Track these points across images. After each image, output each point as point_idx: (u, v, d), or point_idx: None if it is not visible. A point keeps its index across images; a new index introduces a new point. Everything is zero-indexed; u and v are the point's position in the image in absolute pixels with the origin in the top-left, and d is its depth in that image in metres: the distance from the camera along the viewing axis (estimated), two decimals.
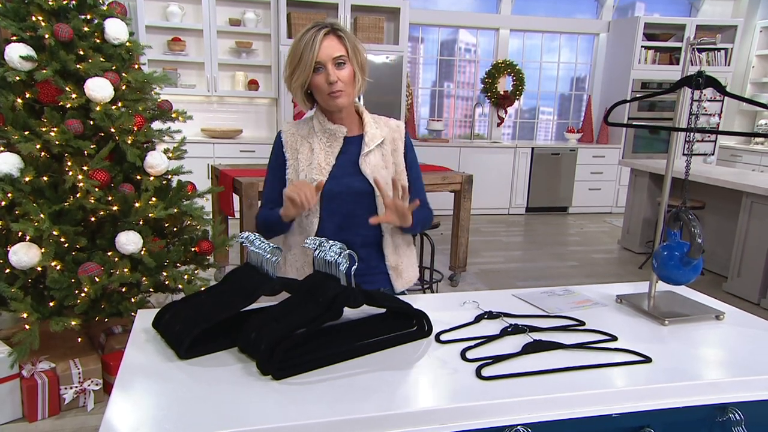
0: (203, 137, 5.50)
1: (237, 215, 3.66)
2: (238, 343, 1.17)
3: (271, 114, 5.97)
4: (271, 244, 1.24)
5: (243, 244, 1.26)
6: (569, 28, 6.79)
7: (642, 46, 6.40)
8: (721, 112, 6.55)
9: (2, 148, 2.16)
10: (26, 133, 2.12)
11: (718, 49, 6.54)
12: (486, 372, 1.12)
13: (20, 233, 2.06)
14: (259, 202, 3.34)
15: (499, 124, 6.83)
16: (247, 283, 1.24)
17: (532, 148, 6.42)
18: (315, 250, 1.22)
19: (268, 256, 1.22)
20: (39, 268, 2.10)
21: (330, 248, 1.18)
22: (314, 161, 1.56)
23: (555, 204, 6.66)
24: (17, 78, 2.11)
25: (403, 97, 5.79)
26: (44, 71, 2.10)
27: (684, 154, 1.55)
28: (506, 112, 6.79)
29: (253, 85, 5.69)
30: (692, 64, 6.53)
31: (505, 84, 6.70)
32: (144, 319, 1.31)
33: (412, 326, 1.28)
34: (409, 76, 6.17)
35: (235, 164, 4.15)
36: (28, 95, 2.18)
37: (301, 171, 1.58)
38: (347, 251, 1.17)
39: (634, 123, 6.64)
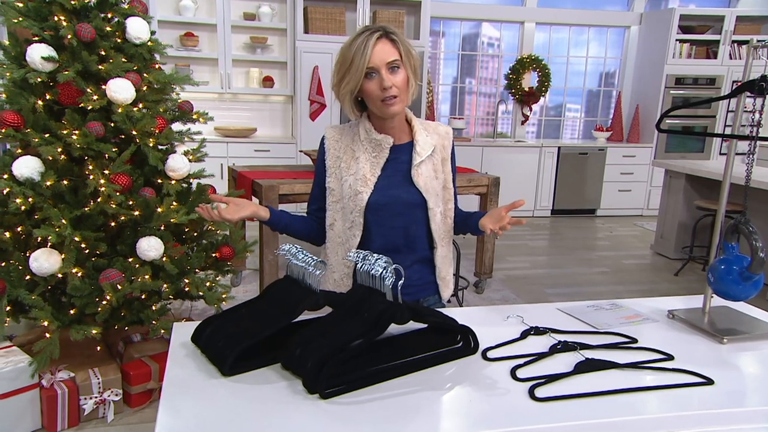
0: (216, 136, 5.33)
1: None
2: (281, 359, 1.13)
3: (287, 112, 5.88)
4: (315, 258, 1.20)
5: (285, 257, 1.23)
6: (598, 21, 6.59)
7: (677, 40, 6.14)
8: (762, 109, 6.28)
9: (22, 151, 2.12)
10: (47, 135, 2.07)
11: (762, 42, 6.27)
12: (540, 393, 1.06)
13: (39, 239, 2.02)
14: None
15: (523, 122, 6.67)
16: (288, 297, 1.21)
17: (559, 148, 6.24)
18: (359, 263, 1.18)
19: (311, 269, 1.19)
20: (60, 275, 2.05)
21: (375, 262, 1.14)
22: (359, 172, 1.50)
23: (582, 206, 6.46)
24: (38, 79, 2.07)
25: (423, 93, 5.68)
26: (66, 72, 2.04)
27: (735, 154, 1.51)
28: (531, 109, 6.62)
29: (268, 82, 5.56)
30: (730, 58, 6.24)
31: (529, 80, 6.53)
32: (180, 333, 1.28)
33: (456, 342, 1.23)
34: (429, 72, 6.06)
35: (250, 164, 4.07)
36: (48, 97, 2.13)
37: (344, 181, 1.52)
38: (393, 265, 1.13)
39: (690, 130, 6.35)
